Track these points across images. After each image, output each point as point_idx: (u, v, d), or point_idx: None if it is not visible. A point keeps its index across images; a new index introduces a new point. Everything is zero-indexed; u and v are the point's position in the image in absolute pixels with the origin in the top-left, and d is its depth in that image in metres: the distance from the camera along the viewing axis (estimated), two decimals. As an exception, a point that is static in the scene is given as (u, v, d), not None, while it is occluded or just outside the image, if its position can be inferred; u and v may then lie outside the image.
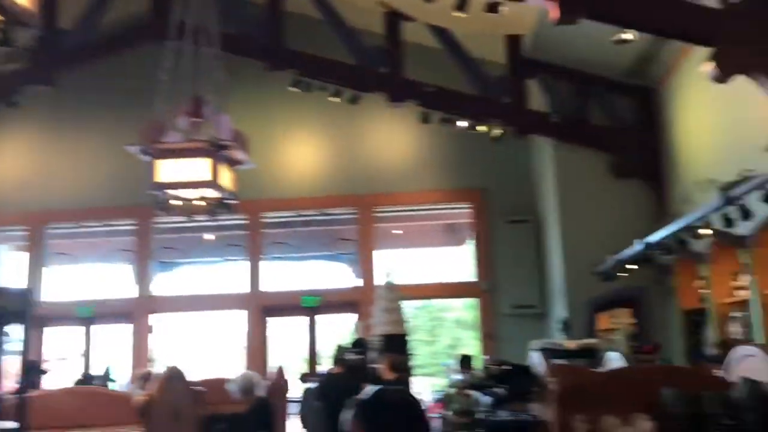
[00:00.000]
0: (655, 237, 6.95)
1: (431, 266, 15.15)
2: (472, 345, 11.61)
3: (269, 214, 11.50)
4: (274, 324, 11.40)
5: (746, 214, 5.02)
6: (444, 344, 22.39)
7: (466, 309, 12.90)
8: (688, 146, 8.53)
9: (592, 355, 7.08)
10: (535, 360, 7.33)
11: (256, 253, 11.37)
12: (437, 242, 14.18)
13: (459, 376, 6.57)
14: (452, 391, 6.46)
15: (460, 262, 12.80)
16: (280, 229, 11.78)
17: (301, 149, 11.62)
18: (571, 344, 7.05)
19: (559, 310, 9.74)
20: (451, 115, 9.44)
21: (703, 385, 3.68)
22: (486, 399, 3.87)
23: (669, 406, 3.58)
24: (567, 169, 9.67)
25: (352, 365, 7.47)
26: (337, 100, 9.71)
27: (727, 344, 4.60)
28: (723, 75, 6.40)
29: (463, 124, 9.46)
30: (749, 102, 6.75)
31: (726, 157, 7.35)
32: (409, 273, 14.40)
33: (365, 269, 11.16)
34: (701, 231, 5.85)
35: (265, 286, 11.34)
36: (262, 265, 11.39)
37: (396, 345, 7.35)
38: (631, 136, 9.52)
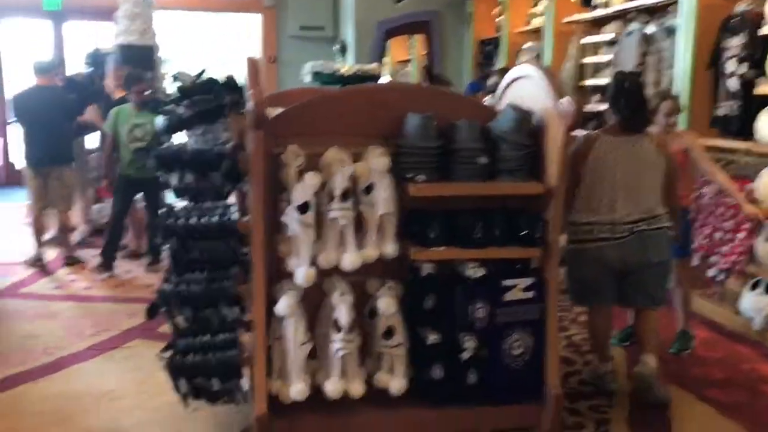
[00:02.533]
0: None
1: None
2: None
3: None
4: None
5: None
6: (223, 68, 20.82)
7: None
8: None
9: (369, 80, 6.23)
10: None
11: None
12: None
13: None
14: (126, 108, 5.08)
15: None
16: None
17: None
18: (346, 69, 6.06)
19: (350, 33, 8.63)
20: None
21: (461, 112, 2.81)
22: (161, 122, 2.75)
23: (412, 137, 2.70)
24: None
25: (77, 81, 6.05)
26: None
27: (506, 70, 3.77)
28: None
29: None
30: None
31: None
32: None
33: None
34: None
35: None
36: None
37: (135, 57, 5.93)
38: None
